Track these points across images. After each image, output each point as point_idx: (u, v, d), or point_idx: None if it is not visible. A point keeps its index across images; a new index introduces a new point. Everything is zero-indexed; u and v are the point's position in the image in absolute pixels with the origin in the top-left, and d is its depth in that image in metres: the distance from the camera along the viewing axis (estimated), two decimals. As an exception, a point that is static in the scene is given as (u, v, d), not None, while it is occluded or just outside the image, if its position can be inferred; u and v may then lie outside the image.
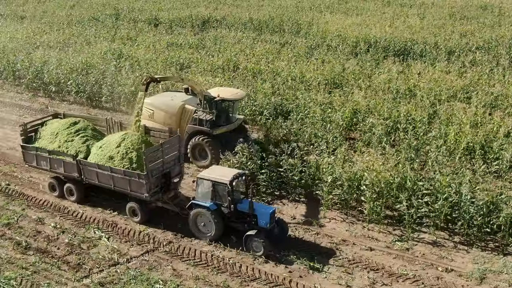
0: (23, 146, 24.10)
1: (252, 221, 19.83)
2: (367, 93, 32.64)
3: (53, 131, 23.73)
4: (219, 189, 19.87)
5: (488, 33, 49.12)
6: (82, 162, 22.29)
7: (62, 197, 23.84)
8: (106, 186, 22.18)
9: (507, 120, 27.51)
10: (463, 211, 20.04)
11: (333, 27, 53.51)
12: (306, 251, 19.76)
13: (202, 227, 20.48)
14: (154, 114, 26.66)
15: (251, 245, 19.53)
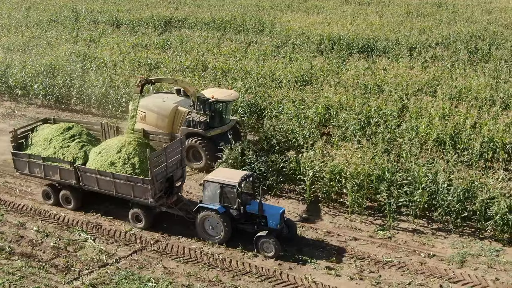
0: (14, 153, 23.22)
1: (261, 222, 19.81)
2: (337, 89, 33.43)
3: (46, 137, 22.98)
4: (227, 191, 19.66)
5: (445, 29, 50.99)
6: (81, 169, 21.68)
7: (57, 205, 23.17)
8: (107, 193, 21.64)
9: (472, 111, 28.76)
10: (441, 199, 20.94)
11: (296, 25, 54.37)
12: (293, 244, 20.21)
13: (210, 230, 20.21)
14: (147, 116, 26.15)
15: (261, 246, 19.41)
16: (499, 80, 34.72)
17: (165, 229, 21.54)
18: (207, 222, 20.19)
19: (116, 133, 23.70)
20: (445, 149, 25.58)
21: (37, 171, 22.88)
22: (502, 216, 19.76)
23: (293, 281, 18.28)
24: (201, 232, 20.36)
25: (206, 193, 20.05)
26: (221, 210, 19.73)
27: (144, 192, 20.67)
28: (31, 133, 23.82)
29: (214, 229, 20.11)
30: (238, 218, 19.97)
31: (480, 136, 25.84)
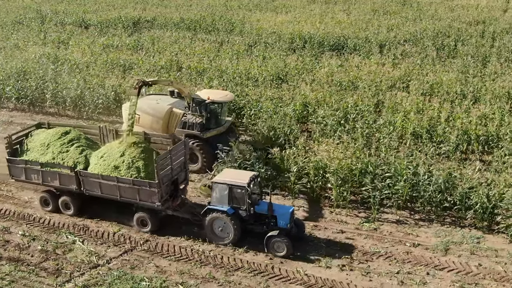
0: (9, 159, 22.51)
1: (271, 222, 19.85)
2: (313, 86, 33.99)
3: (43, 142, 22.46)
4: (236, 192, 19.63)
5: (412, 26, 52.21)
6: (83, 173, 21.27)
7: (56, 211, 22.70)
8: (110, 197, 21.30)
9: (445, 106, 29.74)
10: (423, 190, 21.65)
11: (266, 24, 54.81)
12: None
13: (219, 232, 20.08)
14: (141, 119, 25.54)
15: (272, 246, 19.40)
16: (468, 75, 35.91)
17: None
18: (215, 224, 20.03)
19: (115, 136, 23.12)
20: (422, 142, 26.44)
21: (34, 177, 22.26)
22: (482, 205, 20.57)
23: (285, 275, 18.65)
24: (210, 234, 20.18)
25: (214, 195, 19.94)
26: (230, 212, 19.65)
27: (150, 195, 20.39)
28: (26, 139, 23.13)
29: (223, 230, 19.97)
30: (247, 219, 19.93)
31: (454, 129, 26.75)
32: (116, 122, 33.19)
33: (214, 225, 20.09)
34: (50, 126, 23.93)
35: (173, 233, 21.22)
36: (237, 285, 18.22)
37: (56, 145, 22.18)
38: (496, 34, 48.49)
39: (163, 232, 21.30)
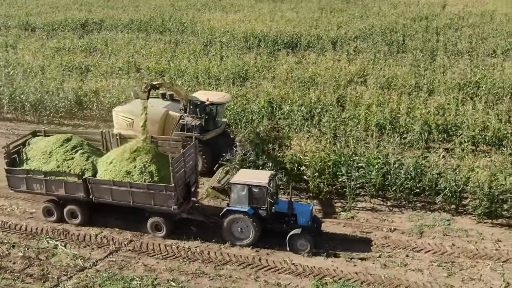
0: (8, 170, 21.67)
1: (291, 220, 19.95)
2: (274, 83, 34.75)
3: (45, 150, 21.77)
4: (256, 192, 19.60)
5: (359, 23, 54.02)
6: (92, 181, 20.74)
7: (61, 221, 21.92)
8: (122, 204, 20.84)
9: (403, 98, 31.18)
10: (394, 178, 22.75)
11: (217, 24, 55.23)
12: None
13: (239, 233, 19.99)
14: (134, 123, 25.14)
15: (295, 244, 19.45)
16: (419, 68, 37.71)
17: (137, 228, 21.51)
18: (235, 225, 19.95)
19: (119, 141, 22.67)
20: (387, 134, 27.65)
21: (36, 187, 21.51)
22: (450, 189, 21.87)
23: (273, 265, 19.19)
24: (228, 235, 20.12)
25: (233, 196, 19.90)
26: (250, 212, 19.67)
27: (166, 199, 20.12)
28: (24, 148, 22.39)
29: (243, 231, 19.94)
30: (267, 219, 19.96)
31: (416, 119, 28.14)
32: (79, 126, 32.92)
33: (233, 226, 20.02)
34: (47, 134, 23.19)
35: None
36: (228, 278, 18.60)
37: (59, 152, 21.58)
38: (439, 29, 50.97)
39: (146, 230, 21.39)
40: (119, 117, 26.05)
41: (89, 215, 21.81)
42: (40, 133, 23.35)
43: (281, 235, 19.92)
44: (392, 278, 18.29)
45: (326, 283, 18.13)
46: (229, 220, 19.95)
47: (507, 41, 44.45)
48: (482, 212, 21.37)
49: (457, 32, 48.96)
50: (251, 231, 19.84)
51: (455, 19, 54.98)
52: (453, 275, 18.40)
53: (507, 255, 19.41)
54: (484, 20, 54.03)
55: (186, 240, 20.71)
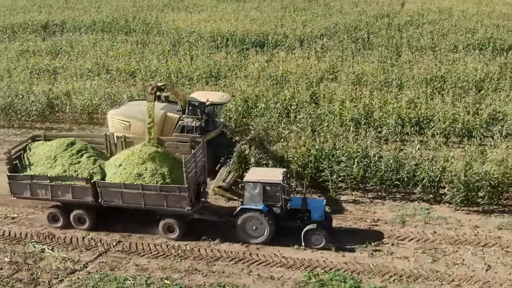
0: (11, 176, 21.16)
1: (304, 216, 20.21)
2: (248, 82, 35.07)
3: (49, 155, 21.33)
4: (271, 190, 19.80)
5: (323, 22, 54.82)
6: (101, 184, 20.48)
7: (67, 227, 21.56)
8: (133, 207, 20.68)
9: (375, 93, 32.06)
10: (375, 170, 23.45)
11: (183, 24, 55.10)
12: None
13: (253, 231, 20.11)
14: (131, 126, 24.90)
15: (311, 239, 19.72)
16: (386, 64, 38.72)
17: (124, 229, 21.53)
18: (249, 224, 20.07)
19: (124, 144, 22.40)
20: (362, 128, 28.39)
21: (41, 193, 21.08)
22: (428, 179, 22.73)
23: (264, 259, 19.55)
24: (242, 234, 20.23)
25: (247, 195, 20.08)
26: (265, 210, 19.83)
27: (179, 200, 20.07)
28: (25, 153, 21.93)
29: (258, 229, 20.06)
30: (281, 216, 20.18)
31: (389, 114, 29.01)
32: (51, 129, 32.48)
33: (247, 224, 20.13)
34: (47, 138, 22.74)
35: (143, 231, 21.33)
36: (221, 273, 18.85)
37: (64, 157, 21.18)
38: (401, 26, 52.32)
39: (134, 230, 21.39)
40: (114, 121, 25.67)
41: (97, 219, 21.48)
42: (40, 138, 22.87)
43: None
44: (380, 266, 18.94)
45: (318, 274, 18.61)
46: (243, 219, 20.02)
47: (466, 37, 46.06)
48: (460, 200, 22.31)
49: (419, 29, 50.36)
50: (266, 229, 19.99)
51: (415, 16, 56.49)
52: (438, 260, 19.19)
53: (485, 240, 20.36)
54: (443, 17, 55.74)
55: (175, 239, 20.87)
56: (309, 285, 18.04)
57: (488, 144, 25.52)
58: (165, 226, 20.73)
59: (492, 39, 45.07)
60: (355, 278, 18.28)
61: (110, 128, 25.66)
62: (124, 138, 22.57)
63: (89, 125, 32.70)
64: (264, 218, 19.85)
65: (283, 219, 20.26)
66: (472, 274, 18.38)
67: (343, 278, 18.29)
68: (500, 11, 57.85)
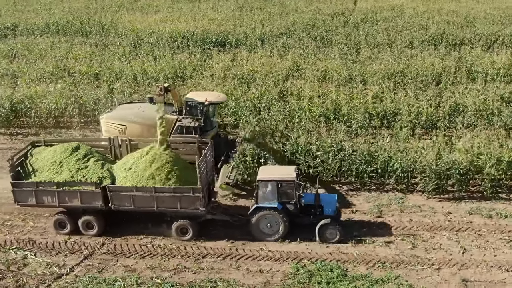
0: (15, 183, 20.65)
1: (317, 211, 20.61)
2: (214, 81, 35.28)
3: (53, 160, 20.87)
4: (285, 187, 20.10)
5: (281, 21, 55.54)
6: (112, 188, 20.19)
7: (74, 233, 21.20)
8: (145, 210, 20.54)
9: (341, 89, 32.94)
10: (350, 163, 24.20)
11: (140, 25, 54.62)
12: (232, 225, 21.51)
13: (267, 229, 20.36)
14: (127, 129, 24.58)
15: (325, 234, 20.13)
16: (348, 61, 39.74)
17: (107, 232, 21.47)
18: (263, 222, 20.32)
19: (130, 147, 22.19)
20: (332, 123, 29.16)
21: (47, 199, 20.61)
22: (402, 169, 23.67)
23: (250, 254, 19.94)
24: (257, 232, 20.47)
25: (261, 193, 20.30)
26: (279, 207, 20.11)
27: (193, 201, 20.05)
28: (26, 160, 21.37)
29: (272, 227, 20.34)
30: (295, 212, 20.50)
31: (357, 109, 29.91)
32: (17, 134, 31.85)
33: (261, 223, 20.37)
34: (46, 144, 22.22)
35: (126, 232, 21.33)
36: (210, 270, 19.11)
37: (70, 162, 20.77)
38: (357, 23, 53.69)
39: (116, 232, 21.37)
40: (109, 125, 25.28)
41: (105, 224, 21.22)
42: (40, 143, 22.36)
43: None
44: (364, 255, 19.68)
45: (305, 265, 19.16)
46: (258, 217, 20.26)
47: (420, 33, 47.78)
48: (432, 189, 23.35)
49: (374, 26, 51.81)
50: (281, 226, 20.30)
51: (369, 14, 58.07)
52: (417, 246, 20.11)
53: (458, 225, 21.44)
54: (395, 14, 57.56)
55: (160, 239, 20.93)
56: (298, 276, 18.54)
57: (453, 134, 26.73)
58: (178, 228, 20.70)
59: (444, 35, 46.98)
60: (341, 267, 18.93)
61: (104, 132, 25.31)
62: (129, 141, 22.34)
63: (56, 129, 32.14)
64: (278, 215, 20.15)
65: (297, 216, 20.62)
66: (450, 258, 19.37)
67: (330, 267, 18.92)
68: (448, 8, 60.24)
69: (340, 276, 18.44)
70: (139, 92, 33.67)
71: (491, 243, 20.19)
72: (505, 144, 24.94)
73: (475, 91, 31.99)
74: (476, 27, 49.75)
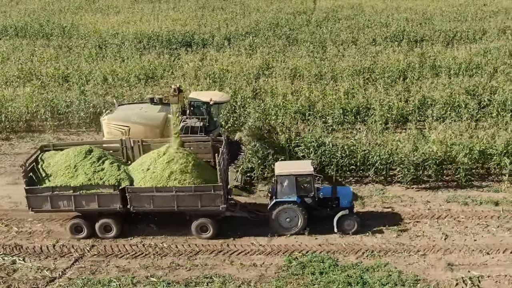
0: (29, 189, 20.23)
1: (333, 204, 21.03)
2: (187, 81, 35.34)
3: (67, 164, 20.55)
4: (303, 181, 20.56)
5: (244, 20, 55.94)
6: (131, 190, 20.03)
7: (92, 236, 20.94)
8: (165, 210, 20.48)
9: (313, 86, 33.63)
10: (330, 157, 24.83)
11: (103, 26, 53.96)
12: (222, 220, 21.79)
13: (287, 222, 20.71)
14: (131, 130, 24.24)
15: (343, 225, 20.65)
16: (316, 58, 40.53)
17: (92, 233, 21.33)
18: (283, 216, 20.66)
19: (142, 148, 22.02)
20: (307, 119, 29.77)
21: (63, 204, 20.31)
22: (381, 162, 24.49)
23: (242, 249, 20.27)
24: (277, 226, 20.80)
25: (280, 188, 20.63)
26: (298, 201, 20.53)
27: (214, 199, 20.11)
28: (37, 165, 20.97)
29: (291, 220, 20.70)
30: (313, 205, 20.95)
31: (331, 105, 30.65)
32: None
33: (280, 217, 20.69)
34: (55, 148, 21.83)
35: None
36: (204, 266, 19.34)
37: (85, 165, 20.49)
38: (320, 22, 54.67)
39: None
40: (111, 126, 24.89)
41: (122, 226, 21.14)
42: (48, 148, 21.99)
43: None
44: (352, 245, 20.32)
45: (297, 257, 19.62)
46: (277, 211, 20.60)
47: (382, 30, 49.13)
48: (410, 179, 24.26)
49: (336, 25, 52.86)
50: (300, 219, 20.72)
51: (330, 12, 59.21)
52: (401, 234, 20.91)
53: (438, 213, 22.39)
54: (356, 12, 58.92)
55: (150, 239, 21.00)
56: (291, 268, 18.99)
57: (426, 127, 27.77)
58: (198, 227, 20.79)
59: (405, 32, 48.45)
60: (332, 258, 19.49)
61: (106, 134, 24.99)
62: (141, 142, 22.22)
63: (28, 133, 31.56)
64: (298, 209, 20.58)
65: (314, 209, 21.11)
66: (433, 244, 20.24)
67: (321, 258, 19.45)
68: (405, 6, 62.05)
69: (332, 266, 18.99)
70: (111, 93, 33.31)
71: (470, 229, 21.20)
72: (474, 134, 26.18)
73: (441, 85, 33.26)
74: (434, 24, 51.56)
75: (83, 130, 31.81)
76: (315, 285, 18.05)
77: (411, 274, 18.45)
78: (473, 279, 18.14)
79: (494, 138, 25.53)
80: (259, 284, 18.25)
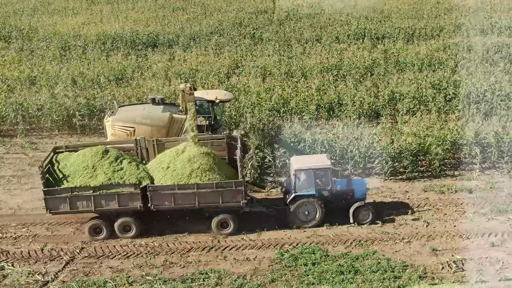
0: (47, 191, 20.04)
1: (348, 196, 21.49)
2: (158, 81, 35.30)
3: (85, 164, 20.38)
4: (321, 174, 21.04)
5: (207, 20, 56.08)
6: (153, 188, 20.06)
7: (111, 237, 20.81)
8: (186, 207, 20.71)
9: (285, 84, 34.23)
10: (311, 152, 25.44)
11: (62, 28, 52.99)
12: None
13: (305, 216, 21.21)
14: (136, 131, 23.90)
15: (359, 216, 21.29)
16: (283, 57, 41.16)
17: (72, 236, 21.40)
18: (301, 209, 21.14)
19: (157, 147, 21.93)
20: (282, 116, 30.33)
21: (82, 204, 20.21)
22: (359, 155, 25.28)
23: (233, 244, 20.57)
24: (296, 220, 21.26)
25: (298, 182, 21.02)
26: (317, 194, 20.99)
27: (235, 195, 20.38)
28: (53, 167, 20.74)
29: (309, 214, 21.21)
30: (330, 198, 21.41)
31: (304, 101, 31.30)
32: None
33: (299, 210, 21.15)
34: (68, 149, 21.51)
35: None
36: (198, 263, 19.54)
37: (104, 165, 20.40)
38: (281, 21, 55.39)
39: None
40: (115, 128, 24.50)
41: (141, 226, 21.10)
42: (60, 149, 21.65)
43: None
44: (339, 235, 20.98)
45: (288, 250, 20.10)
46: (296, 205, 21.10)
47: (343, 29, 50.28)
48: (388, 171, 25.16)
49: (298, 24, 53.70)
50: (318, 212, 21.25)
51: (290, 11, 60.03)
52: (385, 224, 21.69)
53: (417, 202, 23.34)
54: (316, 11, 59.96)
55: (140, 238, 21.00)
56: (284, 261, 19.44)
57: (397, 120, 28.79)
58: (219, 223, 20.98)
59: (366, 29, 49.73)
60: (322, 249, 20.05)
61: (109, 135, 24.62)
62: (156, 141, 22.14)
63: (-1, 138, 30.90)
64: (317, 202, 21.12)
65: (331, 201, 21.58)
66: (417, 231, 21.13)
67: (312, 250, 19.98)
68: (362, 4, 63.54)
69: (323, 256, 19.55)
70: (82, 95, 32.92)
71: (449, 216, 22.22)
72: (445, 126, 27.37)
73: (407, 80, 34.46)
74: (393, 22, 53.10)
75: (56, 133, 31.36)
76: (309, 276, 18.54)
77: (399, 260, 19.20)
78: (457, 262, 19.05)
79: (463, 129, 26.80)
80: (255, 277, 18.61)
